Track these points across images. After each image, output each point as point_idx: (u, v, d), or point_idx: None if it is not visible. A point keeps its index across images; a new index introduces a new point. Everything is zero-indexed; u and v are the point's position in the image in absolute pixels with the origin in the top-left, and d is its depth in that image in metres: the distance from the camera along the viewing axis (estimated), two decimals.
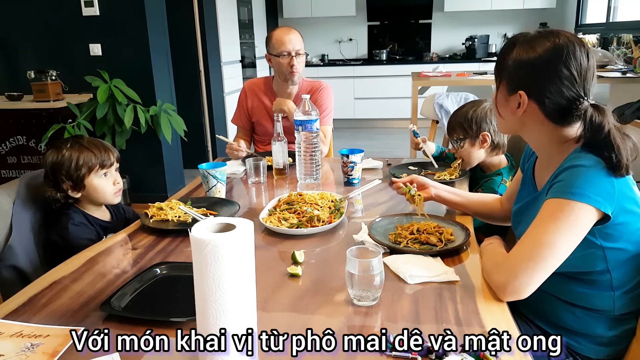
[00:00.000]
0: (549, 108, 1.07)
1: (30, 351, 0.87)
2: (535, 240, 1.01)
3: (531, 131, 1.15)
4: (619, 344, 1.13)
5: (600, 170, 1.00)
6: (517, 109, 1.10)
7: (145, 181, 4.01)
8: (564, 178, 1.02)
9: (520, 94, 1.08)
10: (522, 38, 1.10)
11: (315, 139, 1.79)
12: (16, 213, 1.47)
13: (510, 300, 1.00)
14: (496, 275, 1.02)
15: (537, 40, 1.07)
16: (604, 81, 3.50)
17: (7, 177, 3.67)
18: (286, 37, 2.24)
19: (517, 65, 1.08)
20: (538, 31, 1.09)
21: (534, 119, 1.10)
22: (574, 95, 1.05)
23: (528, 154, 1.32)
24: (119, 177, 1.61)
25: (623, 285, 1.08)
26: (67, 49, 3.81)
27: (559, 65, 1.03)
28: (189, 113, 4.55)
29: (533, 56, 1.06)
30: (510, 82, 1.10)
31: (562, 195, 1.00)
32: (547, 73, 1.05)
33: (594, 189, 0.98)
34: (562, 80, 1.04)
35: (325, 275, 1.13)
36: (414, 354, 0.82)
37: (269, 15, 6.87)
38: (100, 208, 1.62)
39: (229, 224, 0.79)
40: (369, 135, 6.54)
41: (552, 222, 0.99)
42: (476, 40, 6.52)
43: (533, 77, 1.06)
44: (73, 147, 1.53)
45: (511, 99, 1.11)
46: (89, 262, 1.25)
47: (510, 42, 1.11)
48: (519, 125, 1.15)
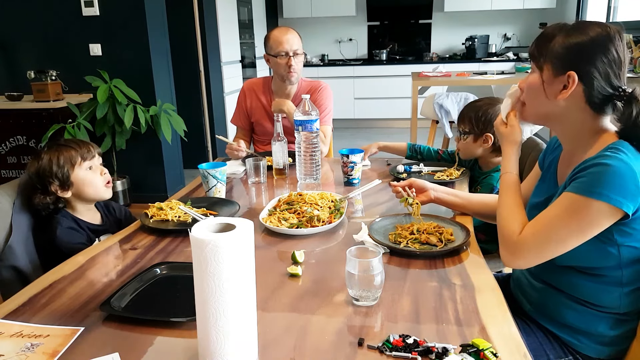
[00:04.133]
0: (595, 92, 1.06)
1: (30, 351, 0.87)
2: (547, 232, 1.04)
3: (566, 119, 1.12)
4: (621, 344, 1.13)
5: (629, 169, 0.98)
6: (562, 90, 1.08)
7: (145, 181, 4.01)
8: (589, 175, 1.01)
9: (570, 74, 1.06)
10: (566, 26, 1.09)
11: (315, 139, 1.79)
12: (16, 213, 1.48)
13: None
14: (503, 247, 1.12)
15: (586, 26, 1.07)
16: None
17: (7, 177, 3.67)
18: (284, 38, 2.24)
19: (567, 47, 1.07)
20: (577, 22, 1.11)
21: (575, 104, 1.09)
22: (618, 82, 1.06)
23: (551, 148, 1.31)
24: (105, 169, 1.61)
25: (632, 283, 1.08)
26: (67, 49, 3.81)
27: (611, 47, 1.04)
28: (189, 113, 4.56)
29: (586, 39, 1.05)
30: (558, 63, 1.08)
31: (583, 192, 1.00)
32: (600, 54, 1.04)
33: (616, 188, 0.97)
34: (611, 64, 1.05)
35: (325, 275, 1.13)
36: (414, 353, 0.82)
37: (269, 15, 6.87)
38: (90, 209, 1.61)
39: (229, 224, 0.79)
40: (369, 135, 6.54)
41: (567, 217, 1.01)
42: (476, 40, 6.52)
43: (585, 57, 1.05)
44: (50, 150, 1.53)
45: (557, 80, 1.09)
46: (89, 262, 1.25)
47: (552, 30, 1.10)
48: (556, 110, 1.12)
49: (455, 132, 1.93)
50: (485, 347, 0.81)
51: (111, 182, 1.61)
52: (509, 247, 1.10)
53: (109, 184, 1.60)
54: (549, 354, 1.14)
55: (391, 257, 1.21)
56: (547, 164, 1.30)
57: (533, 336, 1.16)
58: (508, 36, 6.88)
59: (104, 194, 1.59)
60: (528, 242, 1.07)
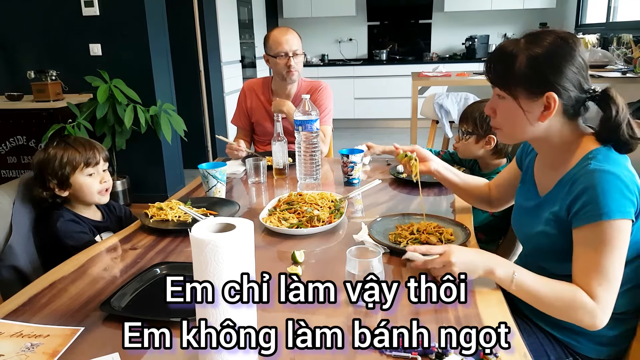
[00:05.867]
0: (571, 101, 1.04)
1: (30, 351, 0.87)
2: (608, 275, 0.98)
3: (547, 135, 1.09)
4: (620, 344, 1.13)
5: (616, 178, 0.98)
6: (544, 112, 1.04)
7: (145, 181, 4.01)
8: (590, 201, 0.99)
9: (548, 96, 1.02)
10: (521, 42, 1.05)
11: (315, 139, 1.79)
12: (16, 213, 1.48)
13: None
14: (580, 317, 0.99)
15: (543, 37, 1.04)
16: (604, 81, 3.50)
17: (7, 177, 3.67)
18: (283, 38, 2.24)
19: (535, 66, 1.02)
20: (527, 34, 1.07)
21: (554, 120, 1.06)
22: (588, 85, 1.05)
23: (527, 150, 1.29)
24: (107, 176, 1.60)
25: (627, 282, 1.08)
26: (67, 49, 3.81)
27: (575, 54, 1.02)
28: (189, 113, 4.56)
29: (550, 52, 1.02)
30: (531, 85, 1.03)
31: (599, 217, 0.98)
32: (569, 65, 1.02)
33: (620, 201, 0.97)
34: (580, 71, 1.03)
35: (325, 275, 1.13)
36: (414, 353, 0.82)
37: (269, 15, 6.87)
38: (90, 208, 1.61)
39: (229, 224, 0.79)
40: (369, 135, 6.54)
41: (603, 246, 0.98)
42: (476, 40, 6.52)
43: (556, 72, 1.01)
44: (59, 146, 1.53)
45: (535, 104, 1.04)
46: (89, 262, 1.25)
47: (510, 49, 1.05)
48: (537, 132, 1.08)
49: (456, 132, 1.92)
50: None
51: (110, 189, 1.60)
52: (600, 318, 0.99)
53: (107, 191, 1.58)
54: (550, 355, 1.14)
55: (391, 257, 1.21)
56: (525, 165, 1.28)
57: (534, 337, 1.16)
58: (508, 36, 6.87)
59: (98, 200, 1.58)
60: (607, 298, 0.98)
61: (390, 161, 2.09)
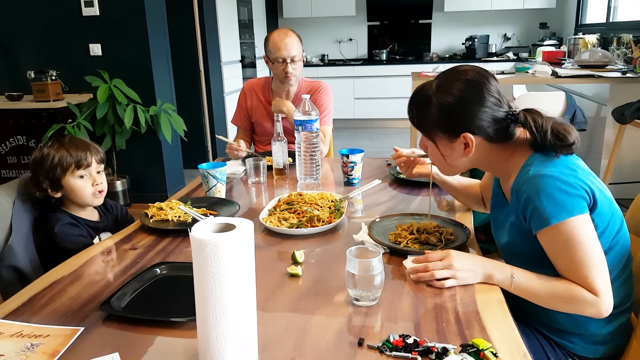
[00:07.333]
0: (493, 135, 1.10)
1: (30, 351, 0.87)
2: (577, 266, 0.99)
3: (483, 160, 1.16)
4: (615, 341, 1.13)
5: (556, 180, 1.00)
6: (466, 149, 1.11)
7: (145, 181, 4.01)
8: (537, 207, 1.01)
9: (464, 136, 1.09)
10: (430, 90, 1.11)
11: (315, 139, 1.79)
12: (16, 213, 1.47)
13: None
14: (584, 309, 1.01)
15: (450, 82, 1.09)
16: (603, 81, 3.50)
17: (7, 177, 3.67)
18: (282, 43, 2.22)
19: (445, 112, 1.09)
20: (439, 74, 1.13)
21: (483, 149, 1.12)
22: (504, 112, 1.09)
23: None
24: (101, 178, 1.56)
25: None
26: (67, 49, 3.81)
27: (486, 94, 1.07)
28: (189, 113, 4.56)
29: (456, 97, 1.08)
30: (447, 130, 1.11)
31: (549, 222, 1.00)
32: (478, 107, 1.07)
33: (565, 201, 0.99)
34: (492, 107, 1.07)
35: (325, 275, 1.13)
36: (414, 353, 0.82)
37: (269, 15, 6.87)
38: (85, 208, 1.59)
39: (229, 224, 0.79)
40: (369, 135, 6.54)
41: (569, 244, 0.99)
42: (476, 40, 6.52)
43: (468, 116, 1.08)
44: (53, 146, 1.51)
45: (455, 144, 1.12)
46: (89, 262, 1.25)
47: (424, 94, 1.12)
48: (468, 163, 1.16)
49: None
50: (485, 347, 0.81)
51: (104, 191, 1.57)
52: (603, 306, 0.99)
53: (100, 193, 1.56)
54: (550, 356, 1.14)
55: (391, 257, 1.21)
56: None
57: (534, 338, 1.16)
58: (508, 36, 6.88)
59: (90, 202, 1.56)
60: (601, 283, 0.99)
61: (390, 161, 2.09)
